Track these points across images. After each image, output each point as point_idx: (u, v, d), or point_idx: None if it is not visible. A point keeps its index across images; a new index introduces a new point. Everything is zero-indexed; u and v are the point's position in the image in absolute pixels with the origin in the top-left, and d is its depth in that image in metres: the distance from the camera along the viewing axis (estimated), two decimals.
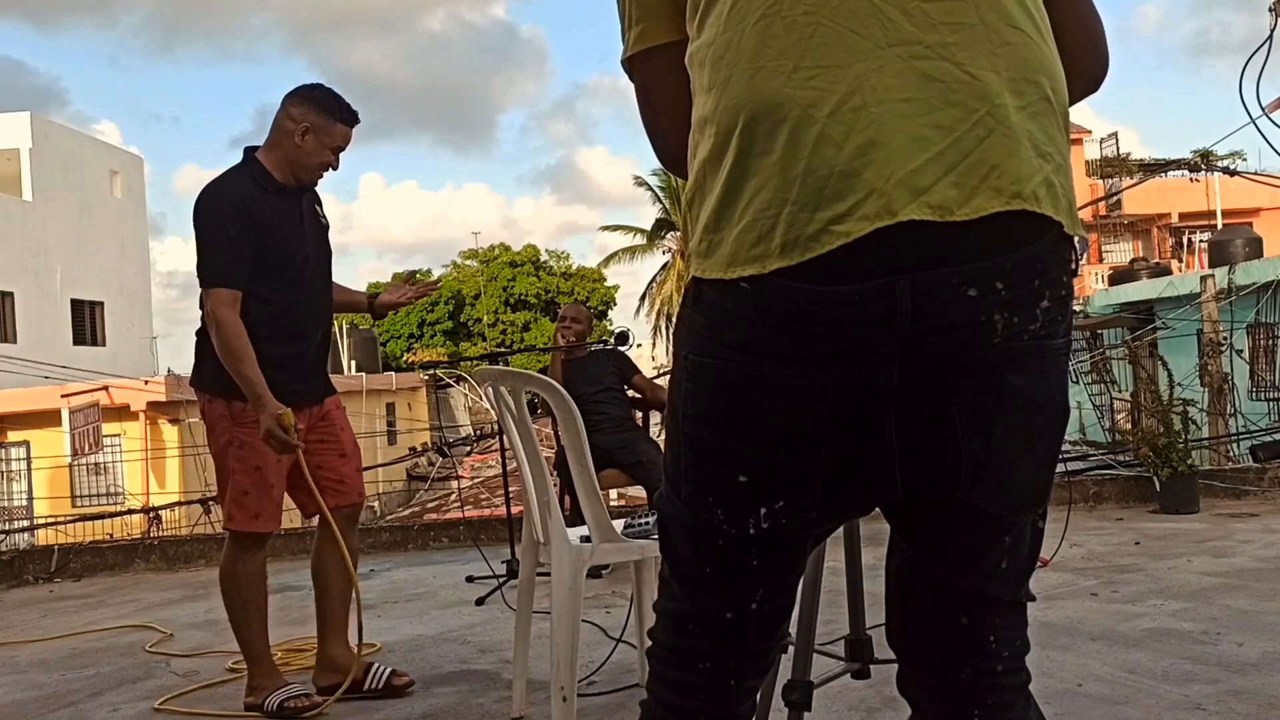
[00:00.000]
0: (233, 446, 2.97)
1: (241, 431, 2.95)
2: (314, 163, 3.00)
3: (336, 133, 3.01)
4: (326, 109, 2.99)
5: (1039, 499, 1.20)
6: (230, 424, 2.96)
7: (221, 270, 2.89)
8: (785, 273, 1.07)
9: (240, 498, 2.97)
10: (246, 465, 2.96)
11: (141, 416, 18.29)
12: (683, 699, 1.27)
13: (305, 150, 2.98)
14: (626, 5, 1.30)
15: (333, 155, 3.03)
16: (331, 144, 3.00)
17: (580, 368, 5.30)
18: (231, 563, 3.04)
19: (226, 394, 2.92)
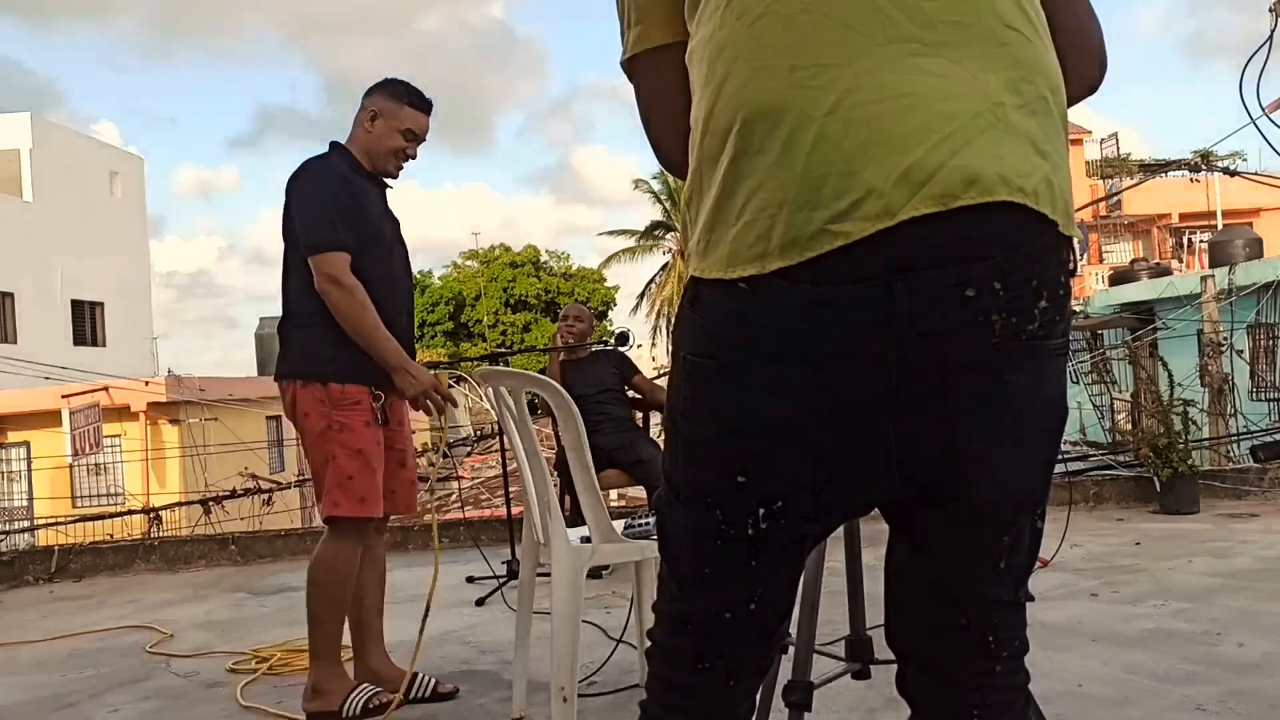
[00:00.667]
0: (332, 430, 2.85)
1: (340, 414, 2.86)
2: (384, 148, 2.97)
3: (404, 115, 2.98)
4: (394, 94, 2.99)
5: (1038, 499, 1.20)
6: (329, 407, 2.85)
7: (335, 234, 2.82)
8: (784, 273, 1.07)
9: (345, 482, 2.84)
10: (349, 449, 2.85)
11: (142, 417, 18.32)
12: (682, 699, 1.27)
13: (375, 135, 2.97)
14: (625, 6, 1.30)
15: (403, 140, 2.99)
16: (399, 126, 2.97)
17: (581, 368, 5.30)
18: (332, 553, 2.89)
19: (321, 376, 2.84)
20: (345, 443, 2.84)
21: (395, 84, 3.02)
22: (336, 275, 2.79)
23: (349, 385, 2.85)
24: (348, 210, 2.85)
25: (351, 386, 2.85)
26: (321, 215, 2.84)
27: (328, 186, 2.87)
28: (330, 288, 2.80)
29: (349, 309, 2.80)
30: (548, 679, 2.59)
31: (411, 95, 3.00)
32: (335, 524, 2.87)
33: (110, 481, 18.68)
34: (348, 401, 2.85)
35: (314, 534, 6.49)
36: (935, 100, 1.06)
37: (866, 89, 1.06)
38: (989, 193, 1.05)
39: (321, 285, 2.81)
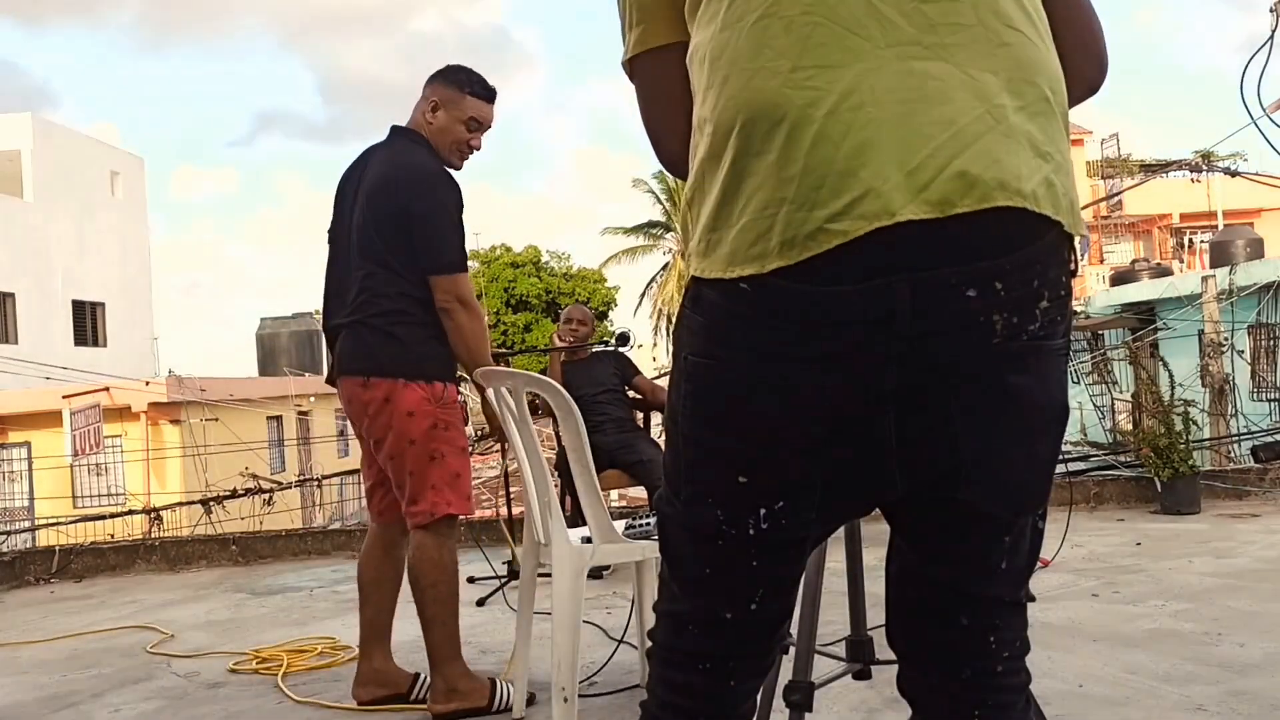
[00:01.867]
0: (439, 429, 2.84)
1: (446, 413, 2.86)
2: (448, 140, 2.93)
3: (467, 105, 2.92)
4: (455, 82, 2.93)
5: (1039, 499, 1.20)
6: (434, 406, 2.84)
7: (462, 254, 2.87)
8: (784, 273, 1.07)
9: (454, 481, 2.86)
10: (455, 447, 2.87)
11: (143, 417, 18.34)
12: (683, 699, 1.27)
13: (437, 126, 2.92)
14: (626, 7, 1.30)
15: (466, 131, 2.94)
16: (461, 117, 2.92)
17: (581, 368, 5.30)
18: (439, 551, 2.86)
19: (427, 375, 2.84)
20: (453, 441, 2.86)
21: (457, 71, 2.95)
22: (466, 297, 2.83)
23: (450, 385, 2.89)
24: (463, 227, 2.87)
25: (452, 386, 2.91)
26: (453, 233, 2.84)
27: (457, 202, 2.86)
28: (458, 308, 2.82)
29: (476, 331, 2.85)
30: (549, 679, 2.59)
31: (474, 83, 2.94)
32: (436, 523, 2.85)
33: (111, 482, 18.68)
34: (450, 401, 2.88)
35: (314, 535, 6.49)
36: (935, 103, 1.06)
37: (867, 91, 1.06)
38: (986, 199, 1.05)
39: (448, 304, 2.82)
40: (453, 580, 2.88)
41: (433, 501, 2.84)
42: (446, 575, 2.87)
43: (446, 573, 2.87)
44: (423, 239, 2.81)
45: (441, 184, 2.86)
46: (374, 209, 2.84)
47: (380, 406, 2.84)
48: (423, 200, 2.82)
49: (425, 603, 2.86)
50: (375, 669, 3.03)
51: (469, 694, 2.84)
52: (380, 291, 2.84)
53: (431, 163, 2.90)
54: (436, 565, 2.85)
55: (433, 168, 2.89)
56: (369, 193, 2.86)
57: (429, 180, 2.85)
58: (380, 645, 3.05)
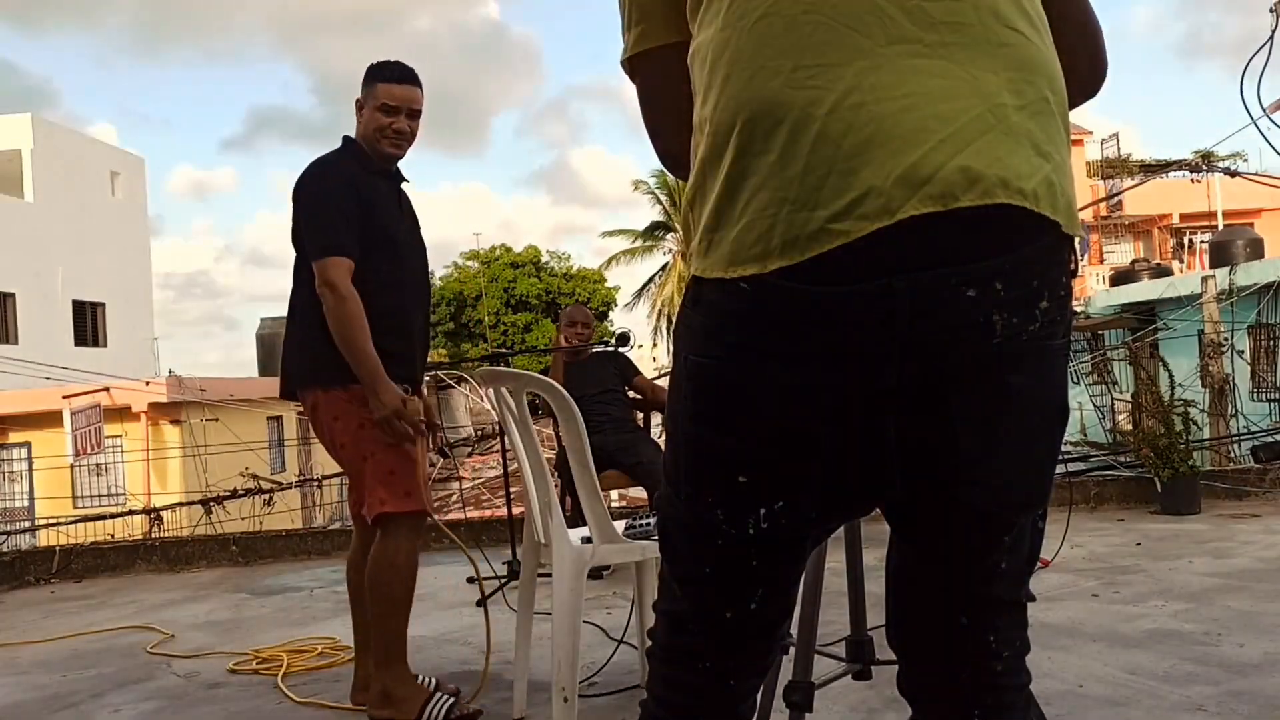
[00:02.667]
0: (366, 429, 2.77)
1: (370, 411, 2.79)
2: (372, 131, 2.88)
3: (378, 91, 2.87)
4: (369, 76, 2.91)
5: (1038, 499, 1.20)
6: (359, 407, 2.76)
7: (336, 238, 2.76)
8: (785, 273, 1.07)
9: (387, 478, 2.77)
10: (385, 443, 2.78)
11: (143, 417, 18.32)
12: (682, 699, 1.27)
13: (364, 123, 2.90)
14: (627, 6, 1.30)
15: (385, 116, 2.87)
16: (376, 104, 2.87)
17: (582, 369, 5.30)
18: (386, 550, 2.79)
19: (343, 380, 2.76)
20: (381, 438, 2.77)
21: (373, 67, 2.93)
22: (334, 281, 2.72)
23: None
24: (352, 212, 2.78)
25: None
26: (324, 218, 2.78)
27: (332, 188, 2.81)
28: (326, 293, 2.73)
29: (338, 317, 2.72)
30: (549, 679, 2.59)
31: (383, 69, 2.91)
32: (385, 522, 2.80)
33: (111, 482, 18.68)
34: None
35: (314, 535, 6.50)
36: (936, 101, 1.06)
37: (868, 89, 1.06)
38: (988, 195, 1.05)
39: (319, 290, 2.75)
40: (404, 582, 2.81)
41: (372, 501, 2.79)
42: (398, 576, 2.80)
43: (398, 574, 2.80)
44: (305, 230, 2.81)
45: (316, 172, 2.84)
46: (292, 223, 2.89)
47: (313, 417, 2.86)
48: (300, 193, 2.83)
49: (372, 601, 2.82)
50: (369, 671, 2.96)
51: (401, 703, 2.79)
52: (296, 302, 2.86)
53: (324, 156, 2.90)
54: (386, 565, 2.80)
55: (319, 161, 2.87)
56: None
57: (306, 172, 2.85)
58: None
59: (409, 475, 2.79)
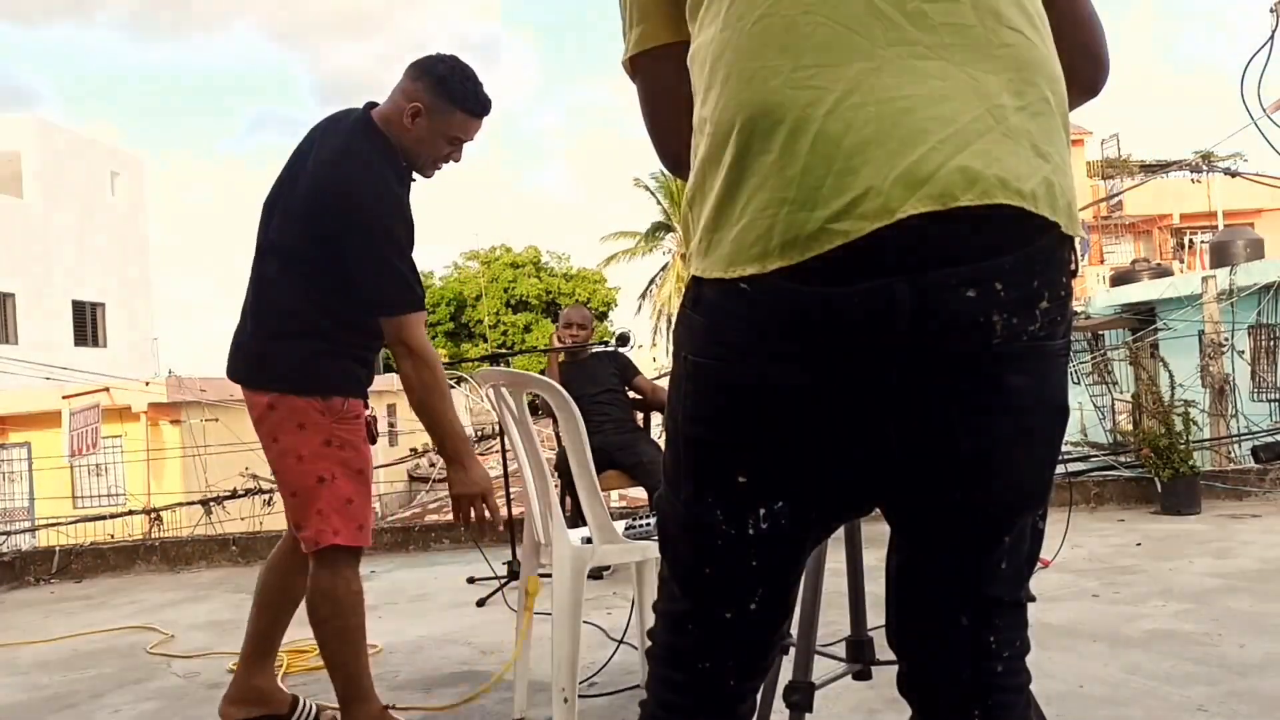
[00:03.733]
0: (332, 446, 2.50)
1: (343, 429, 2.52)
2: (424, 154, 2.56)
3: (454, 122, 2.54)
4: (446, 93, 2.52)
5: (1038, 500, 1.20)
6: (330, 420, 2.51)
7: (417, 289, 2.49)
8: (784, 273, 1.07)
9: (343, 507, 2.50)
10: (350, 469, 2.52)
11: (143, 418, 18.32)
12: (682, 699, 1.27)
13: (414, 136, 2.53)
14: (627, 6, 1.30)
15: (449, 147, 2.57)
16: (447, 133, 2.54)
17: (581, 369, 5.30)
18: (332, 584, 2.53)
19: (322, 390, 2.50)
20: (347, 461, 2.53)
21: (449, 75, 2.53)
22: (421, 344, 2.47)
23: (351, 399, 2.55)
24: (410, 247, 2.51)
25: (354, 400, 2.55)
26: (402, 264, 2.46)
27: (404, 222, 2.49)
28: (412, 356, 2.47)
29: (428, 385, 2.48)
30: (549, 680, 2.59)
31: (468, 99, 2.54)
32: (327, 553, 2.52)
33: (111, 482, 18.67)
34: (350, 415, 2.55)
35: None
36: (935, 103, 1.06)
37: (867, 91, 1.06)
38: (987, 195, 1.05)
39: (397, 347, 2.48)
40: (350, 615, 2.55)
41: (321, 529, 2.50)
42: (341, 610, 2.54)
43: (341, 608, 2.53)
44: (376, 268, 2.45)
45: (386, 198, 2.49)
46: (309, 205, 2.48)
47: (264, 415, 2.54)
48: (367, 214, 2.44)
49: (321, 641, 2.58)
50: (254, 685, 2.77)
51: None
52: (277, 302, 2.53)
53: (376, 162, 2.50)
54: (329, 599, 2.53)
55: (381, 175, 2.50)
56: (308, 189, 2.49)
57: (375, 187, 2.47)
58: (266, 661, 2.79)
59: (365, 507, 2.56)
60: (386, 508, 19.70)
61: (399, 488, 22.54)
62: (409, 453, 23.35)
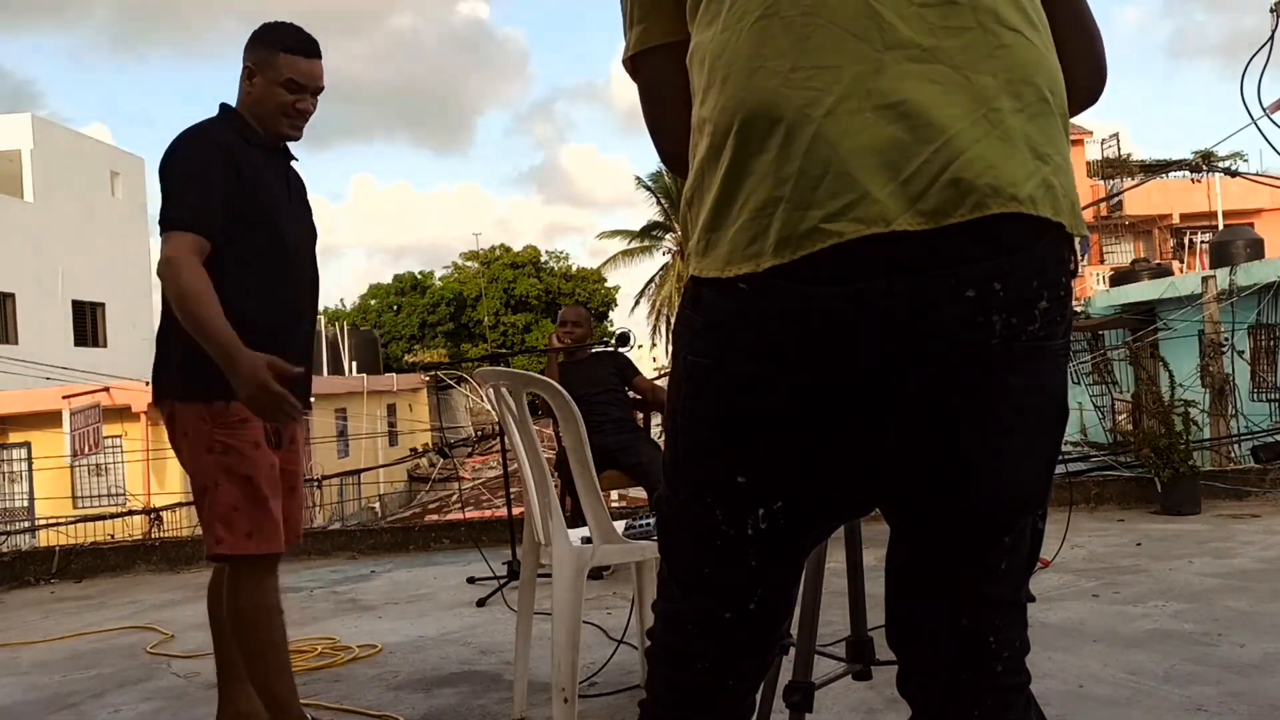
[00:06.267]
0: (214, 453, 2.40)
1: (225, 434, 2.40)
2: (269, 108, 2.49)
3: (281, 64, 2.47)
4: (267, 42, 2.50)
5: (1038, 500, 1.20)
6: (210, 426, 2.40)
7: (187, 213, 2.34)
8: (780, 272, 1.07)
9: (228, 515, 2.39)
10: (234, 475, 2.40)
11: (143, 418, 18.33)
12: (681, 699, 1.27)
13: (254, 96, 2.49)
14: (629, 4, 1.30)
15: (288, 94, 2.49)
16: (277, 78, 2.47)
17: (581, 369, 5.30)
18: (233, 597, 2.45)
19: (200, 394, 2.40)
20: (230, 467, 2.39)
21: (269, 29, 2.53)
22: (172, 257, 2.30)
23: (235, 402, 2.34)
24: (221, 184, 2.37)
25: (237, 404, 2.34)
26: (179, 190, 2.37)
27: (198, 158, 2.40)
28: (164, 269, 2.31)
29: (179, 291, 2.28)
30: (549, 680, 2.59)
31: (285, 36, 2.51)
32: (230, 566, 2.45)
33: (111, 482, 18.69)
34: (234, 420, 2.39)
35: (314, 535, 6.49)
36: (932, 107, 1.06)
37: (865, 94, 1.07)
38: (980, 207, 1.05)
39: (158, 269, 2.34)
40: (262, 629, 2.45)
41: (208, 539, 2.43)
42: (242, 624, 2.45)
43: (241, 620, 2.45)
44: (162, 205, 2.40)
45: (182, 138, 2.44)
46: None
47: (169, 429, 2.49)
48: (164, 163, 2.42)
49: (245, 663, 2.49)
50: (240, 712, 2.68)
51: None
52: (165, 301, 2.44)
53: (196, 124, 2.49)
54: (236, 615, 2.46)
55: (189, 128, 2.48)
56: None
57: (175, 140, 2.44)
58: (238, 683, 2.65)
59: (257, 514, 2.40)
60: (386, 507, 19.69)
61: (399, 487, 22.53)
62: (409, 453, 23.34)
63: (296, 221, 2.60)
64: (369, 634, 3.94)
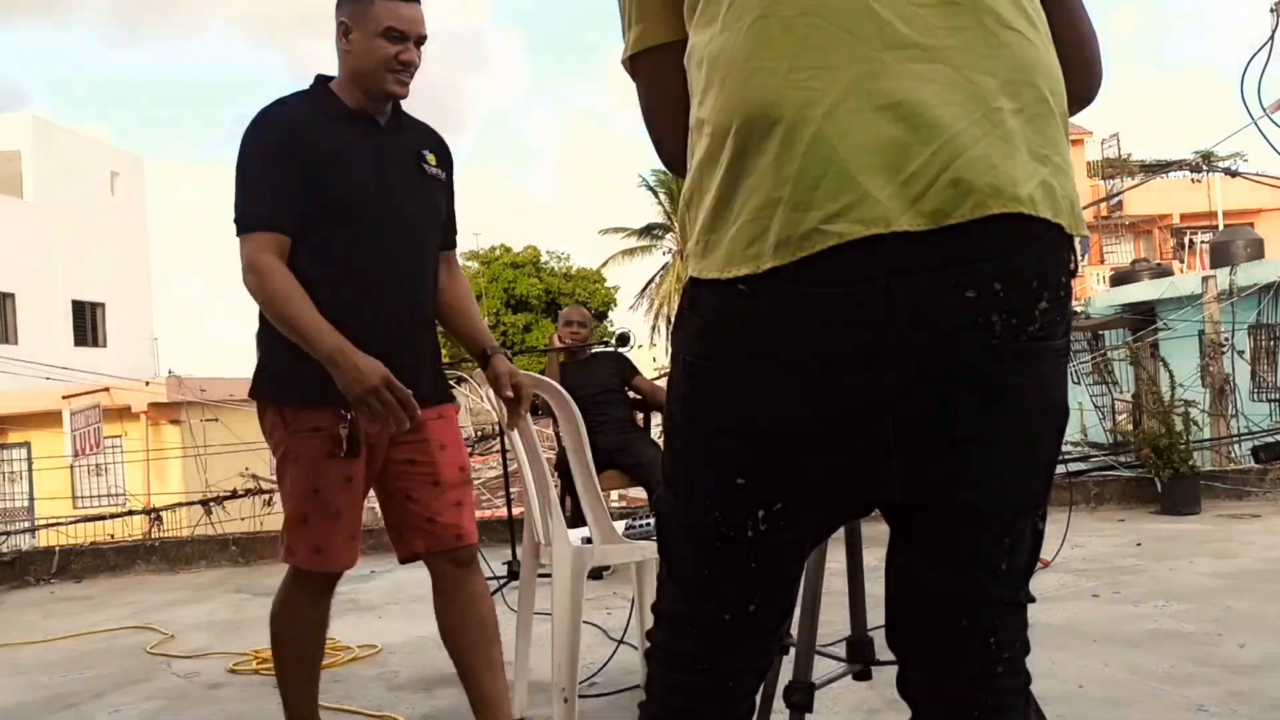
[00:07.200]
0: (287, 461, 2.29)
1: (299, 442, 2.28)
2: (370, 63, 2.27)
3: (377, 12, 2.25)
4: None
5: (1038, 500, 1.20)
6: (285, 433, 2.29)
7: (262, 210, 2.23)
8: (779, 273, 1.07)
9: (298, 525, 2.31)
10: (303, 486, 2.28)
11: (143, 418, 18.34)
12: (681, 700, 1.27)
13: (354, 54, 2.29)
14: (627, 5, 1.30)
15: (388, 44, 2.27)
16: (376, 29, 2.26)
17: (581, 369, 5.30)
18: (283, 604, 2.41)
19: (278, 395, 2.31)
20: (299, 477, 2.29)
21: None
22: (253, 259, 2.19)
23: (304, 408, 2.26)
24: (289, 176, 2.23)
25: (306, 411, 2.26)
26: (250, 187, 2.25)
27: (259, 146, 2.26)
28: (246, 277, 2.20)
29: (266, 296, 2.19)
30: (549, 680, 2.59)
31: None
32: (291, 571, 2.41)
33: (111, 482, 18.68)
34: (305, 428, 2.27)
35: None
36: (932, 107, 1.06)
37: (864, 94, 1.06)
38: (980, 207, 1.05)
39: (243, 279, 2.23)
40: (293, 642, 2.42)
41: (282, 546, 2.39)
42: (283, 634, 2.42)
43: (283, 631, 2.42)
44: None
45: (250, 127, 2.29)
46: None
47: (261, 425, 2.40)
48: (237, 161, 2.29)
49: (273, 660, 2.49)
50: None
51: None
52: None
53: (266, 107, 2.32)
54: (275, 615, 2.43)
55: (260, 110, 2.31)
56: None
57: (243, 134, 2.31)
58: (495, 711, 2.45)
59: (325, 527, 2.30)
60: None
61: None
62: None
63: (392, 195, 2.33)
64: (369, 634, 3.94)
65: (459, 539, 2.40)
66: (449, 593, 2.41)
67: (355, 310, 2.24)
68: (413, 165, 2.39)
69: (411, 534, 2.39)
